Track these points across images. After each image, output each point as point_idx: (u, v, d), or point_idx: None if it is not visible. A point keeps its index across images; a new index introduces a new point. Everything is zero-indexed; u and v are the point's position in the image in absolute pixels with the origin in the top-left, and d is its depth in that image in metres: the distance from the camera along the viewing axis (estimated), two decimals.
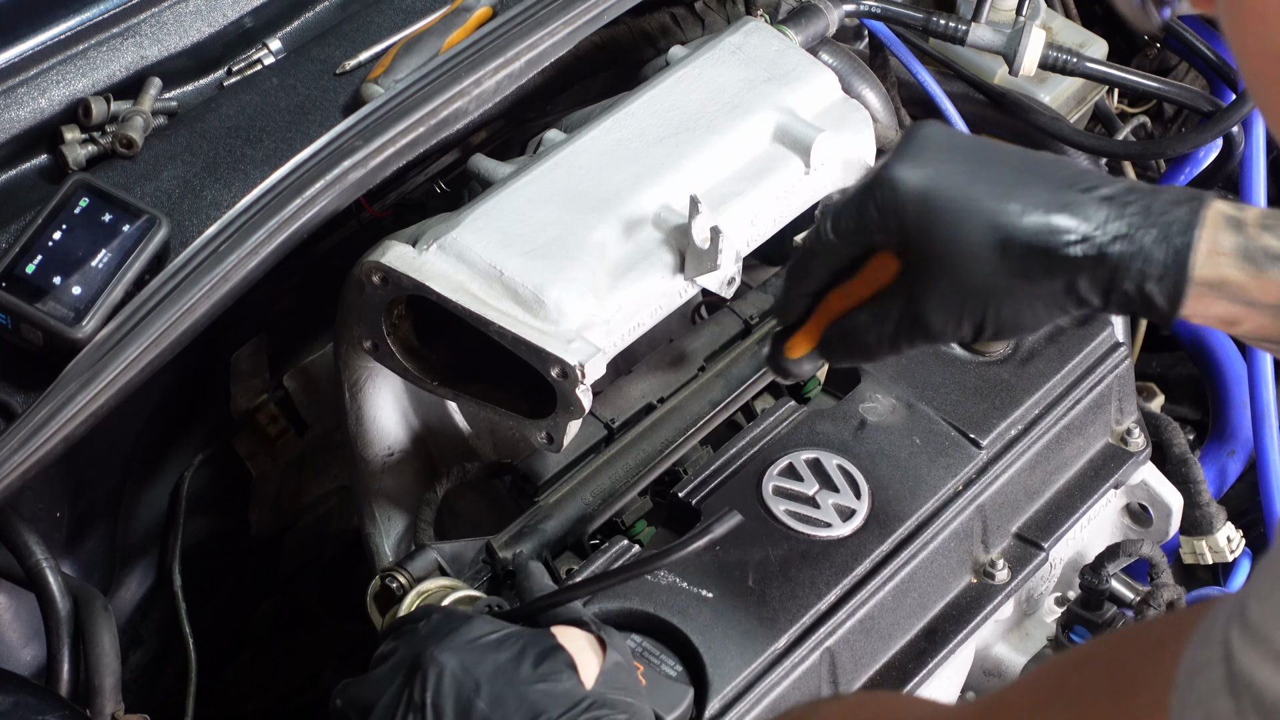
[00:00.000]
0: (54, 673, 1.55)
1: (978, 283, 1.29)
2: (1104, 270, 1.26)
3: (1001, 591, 1.62)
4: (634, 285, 1.60)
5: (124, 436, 1.74)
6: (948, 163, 1.30)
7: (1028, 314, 1.30)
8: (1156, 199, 1.28)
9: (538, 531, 1.58)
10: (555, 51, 1.73)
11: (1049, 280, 1.28)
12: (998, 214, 1.27)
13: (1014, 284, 1.28)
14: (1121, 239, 1.26)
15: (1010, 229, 1.27)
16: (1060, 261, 1.27)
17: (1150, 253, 1.25)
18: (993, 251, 1.27)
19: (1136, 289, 1.26)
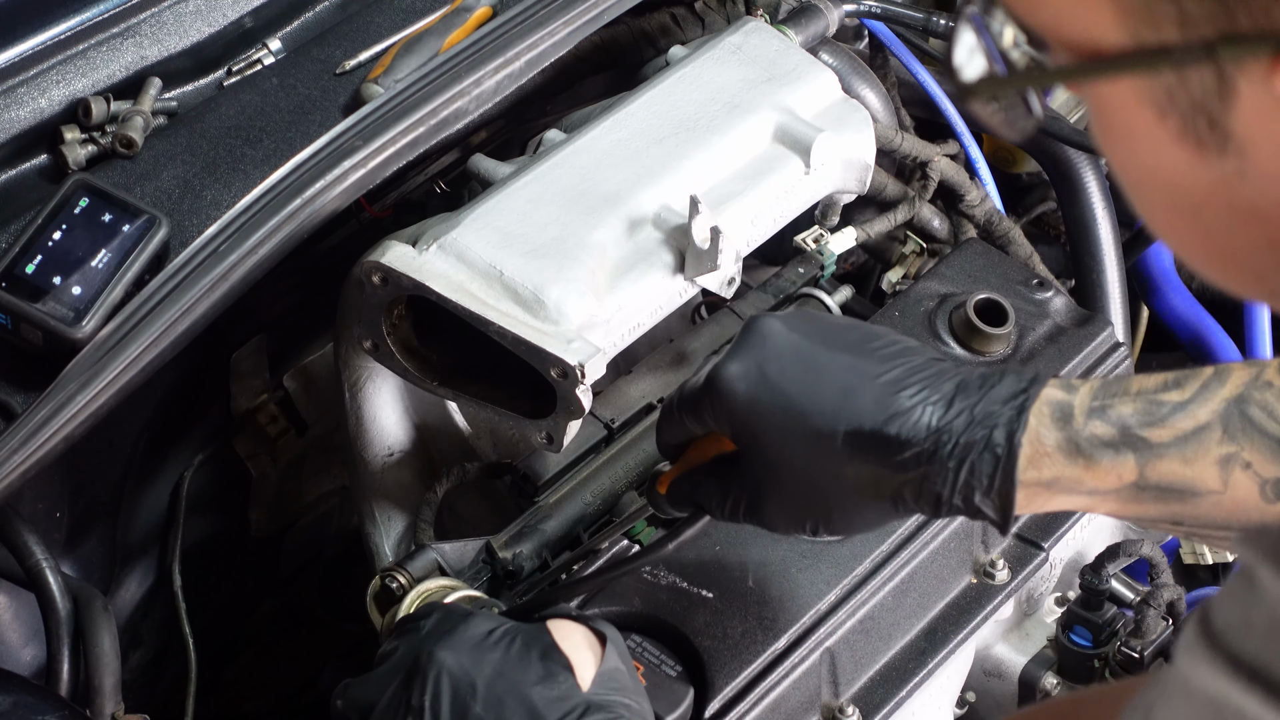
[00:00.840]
0: (54, 673, 1.55)
1: (807, 490, 1.30)
2: (929, 485, 1.26)
3: (1001, 591, 1.62)
4: (634, 285, 1.60)
5: (124, 436, 1.74)
6: (777, 367, 1.30)
7: (859, 521, 1.31)
8: (982, 401, 1.26)
9: (538, 531, 1.58)
10: (555, 51, 1.73)
11: (875, 492, 1.28)
12: (821, 428, 1.27)
13: (843, 494, 1.29)
14: (944, 451, 1.24)
15: (832, 444, 1.27)
16: (885, 477, 1.27)
17: (975, 465, 1.24)
18: (819, 462, 1.28)
19: (965, 502, 1.25)
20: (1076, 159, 2.13)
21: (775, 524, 1.35)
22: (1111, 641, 1.67)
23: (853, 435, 1.27)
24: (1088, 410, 1.26)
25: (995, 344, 1.71)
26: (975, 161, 2.07)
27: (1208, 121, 0.68)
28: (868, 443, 1.27)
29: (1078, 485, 1.25)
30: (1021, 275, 1.80)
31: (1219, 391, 1.24)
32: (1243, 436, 1.22)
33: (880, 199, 1.98)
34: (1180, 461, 1.23)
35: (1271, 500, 1.21)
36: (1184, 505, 1.24)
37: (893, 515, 1.32)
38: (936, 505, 1.27)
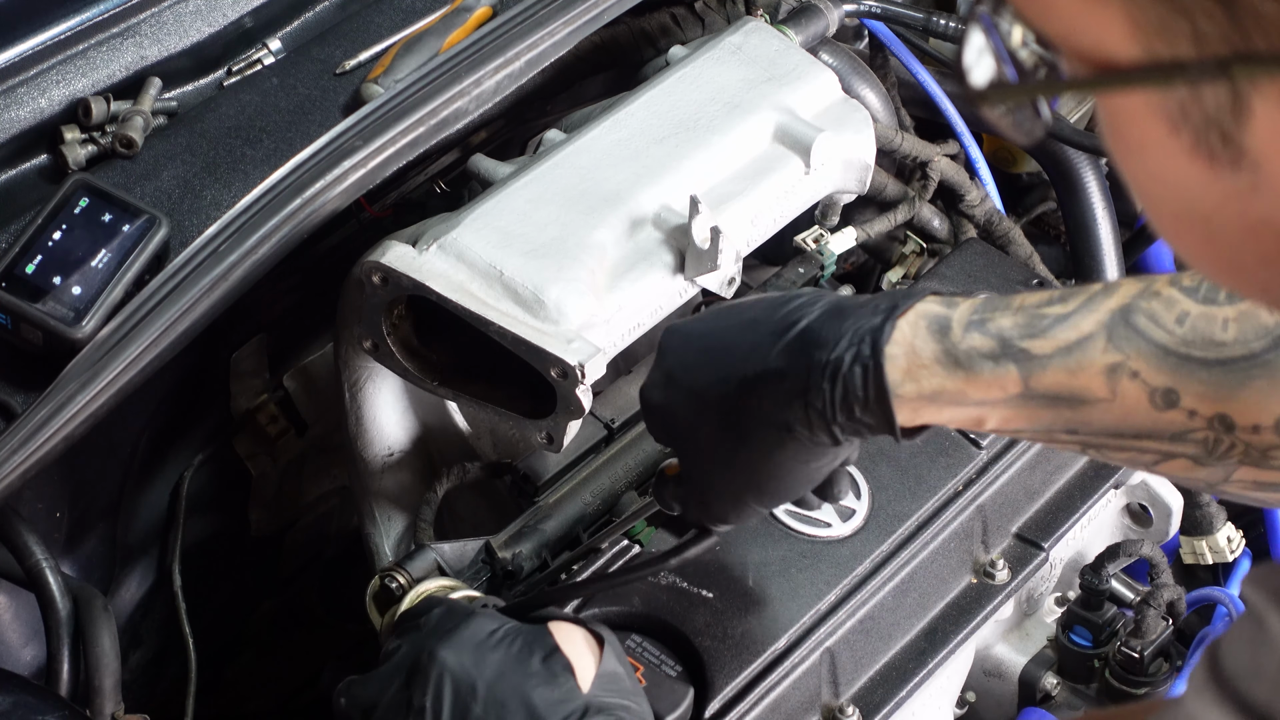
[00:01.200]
0: (54, 673, 1.55)
1: (728, 465, 1.33)
2: (814, 411, 1.27)
3: (1002, 592, 1.61)
4: (634, 285, 1.60)
5: (124, 436, 1.74)
6: (680, 363, 1.35)
7: (782, 476, 1.33)
8: (852, 318, 1.27)
9: (537, 531, 1.58)
10: (555, 51, 1.73)
11: (776, 435, 1.29)
12: (723, 394, 1.31)
13: (756, 452, 1.31)
14: (818, 372, 1.26)
15: (733, 402, 1.30)
16: (776, 412, 1.28)
17: (848, 379, 1.25)
18: (728, 432, 1.31)
19: (848, 418, 1.26)
20: (1076, 159, 2.13)
21: (723, 513, 1.38)
22: (1112, 641, 1.67)
23: (744, 384, 1.30)
24: (966, 323, 1.26)
25: None
26: (975, 161, 2.07)
27: (1221, 137, 0.67)
28: (755, 384, 1.29)
29: (962, 397, 1.25)
30: (1021, 275, 1.80)
31: (1104, 303, 1.23)
32: (1128, 345, 1.21)
33: (880, 199, 1.98)
34: (1065, 372, 1.23)
35: (1161, 408, 1.20)
36: (1075, 412, 1.24)
37: (811, 464, 1.32)
38: (827, 427, 1.28)
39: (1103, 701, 1.67)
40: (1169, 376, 1.20)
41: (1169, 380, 1.20)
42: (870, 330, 1.26)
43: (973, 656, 1.67)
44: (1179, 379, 1.19)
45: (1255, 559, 1.92)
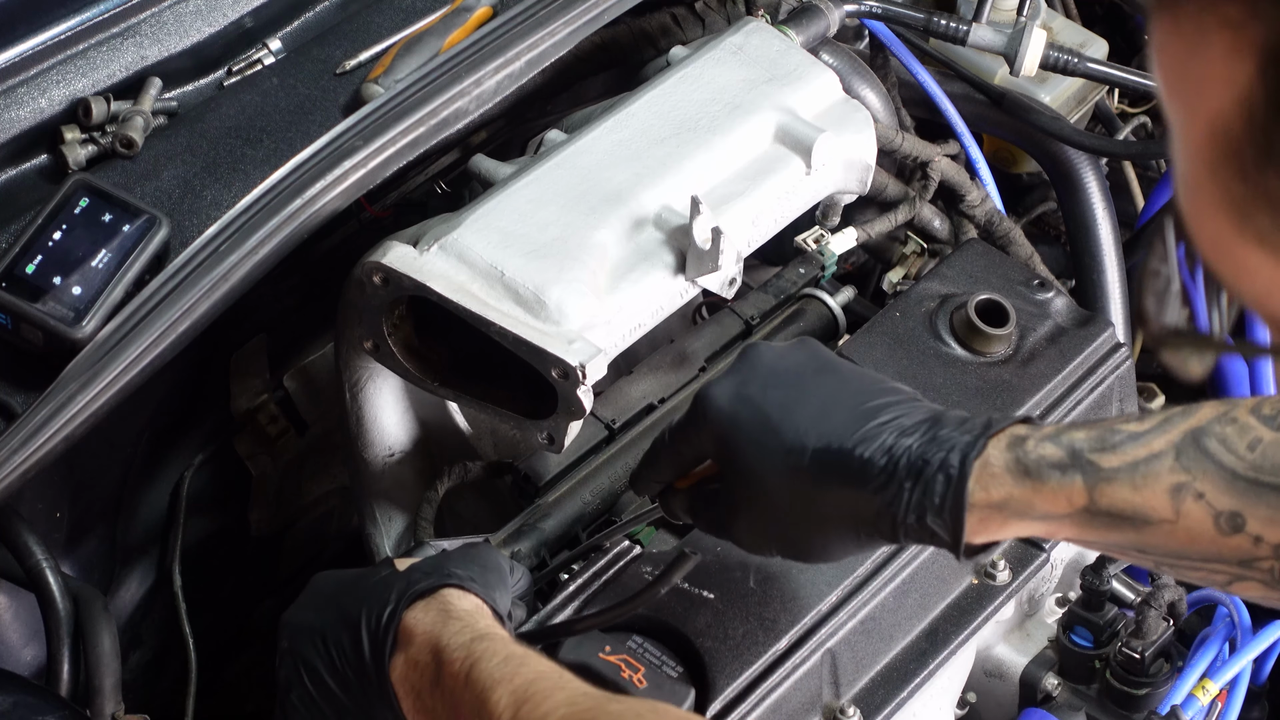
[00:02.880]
0: (54, 673, 1.55)
1: (774, 506, 1.33)
2: (886, 506, 1.28)
3: (1003, 592, 1.61)
4: (635, 286, 1.60)
5: (124, 436, 1.74)
6: (762, 387, 1.34)
7: (819, 542, 1.33)
8: (946, 429, 1.29)
9: (536, 530, 1.58)
10: (555, 51, 1.73)
11: (837, 514, 1.30)
12: (793, 444, 1.31)
13: (806, 512, 1.32)
14: (902, 472, 1.27)
15: (801, 460, 1.30)
16: (847, 498, 1.29)
17: (929, 485, 1.26)
18: (786, 478, 1.31)
19: (918, 522, 1.27)
20: (1076, 159, 2.13)
21: (744, 541, 1.39)
22: (1113, 642, 1.67)
23: (821, 453, 1.30)
24: (1042, 437, 1.27)
25: (996, 344, 1.71)
26: (975, 162, 2.07)
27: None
28: (834, 461, 1.30)
29: (1028, 509, 1.26)
30: (1022, 275, 1.80)
31: (1180, 424, 1.24)
32: (1196, 467, 1.21)
33: (881, 199, 1.98)
34: (1130, 488, 1.23)
35: (1226, 532, 1.20)
36: (1139, 534, 1.24)
37: (854, 546, 1.34)
38: (893, 527, 1.29)
39: (1103, 702, 1.67)
40: (1235, 500, 1.20)
41: (1235, 504, 1.20)
42: (962, 445, 1.27)
43: (974, 657, 1.67)
44: (1246, 503, 1.19)
45: None
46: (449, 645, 1.26)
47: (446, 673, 1.26)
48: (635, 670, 1.42)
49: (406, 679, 1.28)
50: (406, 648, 1.29)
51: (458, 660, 1.25)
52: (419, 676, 1.28)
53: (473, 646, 1.26)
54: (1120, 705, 1.66)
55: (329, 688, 1.32)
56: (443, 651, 1.26)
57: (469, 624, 1.29)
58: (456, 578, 1.33)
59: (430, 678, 1.27)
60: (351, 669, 1.31)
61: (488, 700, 1.21)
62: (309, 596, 1.39)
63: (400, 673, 1.29)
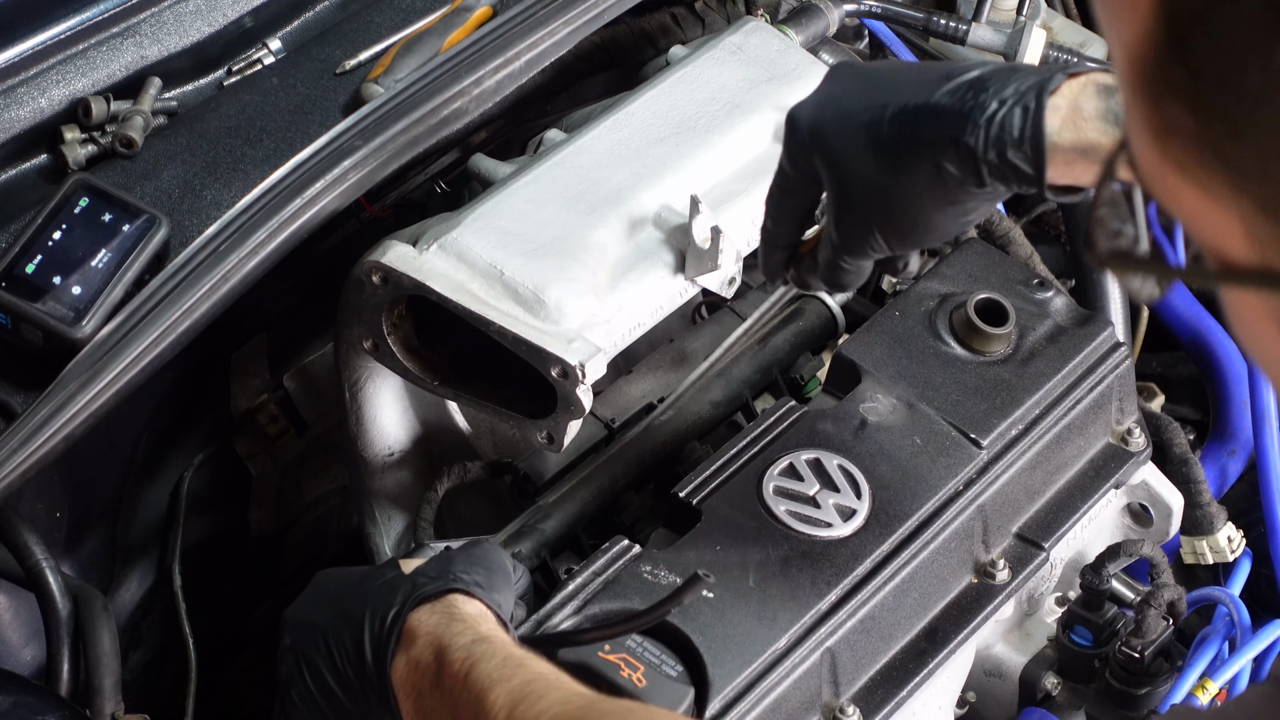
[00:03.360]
0: (54, 673, 1.55)
1: (865, 185, 1.34)
2: (965, 144, 1.28)
3: (1002, 591, 1.61)
4: (634, 285, 1.60)
5: (124, 436, 1.74)
6: (839, 92, 1.36)
7: (917, 209, 1.33)
8: (1019, 71, 1.29)
9: (537, 530, 1.58)
10: (555, 51, 1.73)
11: (919, 165, 1.30)
12: (869, 119, 1.33)
13: (892, 179, 1.32)
14: (979, 110, 1.28)
15: (879, 128, 1.32)
16: (924, 144, 1.30)
17: (1007, 118, 1.27)
18: (868, 152, 1.33)
19: (999, 157, 1.27)
20: None
21: (852, 242, 1.38)
22: (1112, 641, 1.67)
23: (899, 112, 1.32)
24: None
25: (996, 344, 1.71)
26: None
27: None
28: (912, 115, 1.31)
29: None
30: (1022, 275, 1.80)
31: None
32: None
33: None
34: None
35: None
36: None
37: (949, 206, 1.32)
38: (975, 165, 1.28)
39: (1103, 702, 1.67)
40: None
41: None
42: (1038, 80, 1.28)
43: (973, 656, 1.67)
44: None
45: (1255, 559, 1.92)
46: (451, 646, 1.27)
47: (447, 673, 1.26)
48: (634, 669, 1.42)
49: (408, 680, 1.29)
50: (409, 648, 1.29)
51: (458, 661, 1.26)
52: (420, 677, 1.28)
53: (473, 648, 1.26)
54: (1120, 705, 1.66)
55: (329, 687, 1.33)
56: (445, 652, 1.27)
57: (471, 626, 1.29)
58: (462, 583, 1.33)
59: (431, 678, 1.27)
60: (353, 669, 1.31)
61: (485, 700, 1.22)
62: (312, 594, 1.39)
63: (401, 674, 1.29)
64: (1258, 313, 0.70)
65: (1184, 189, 0.68)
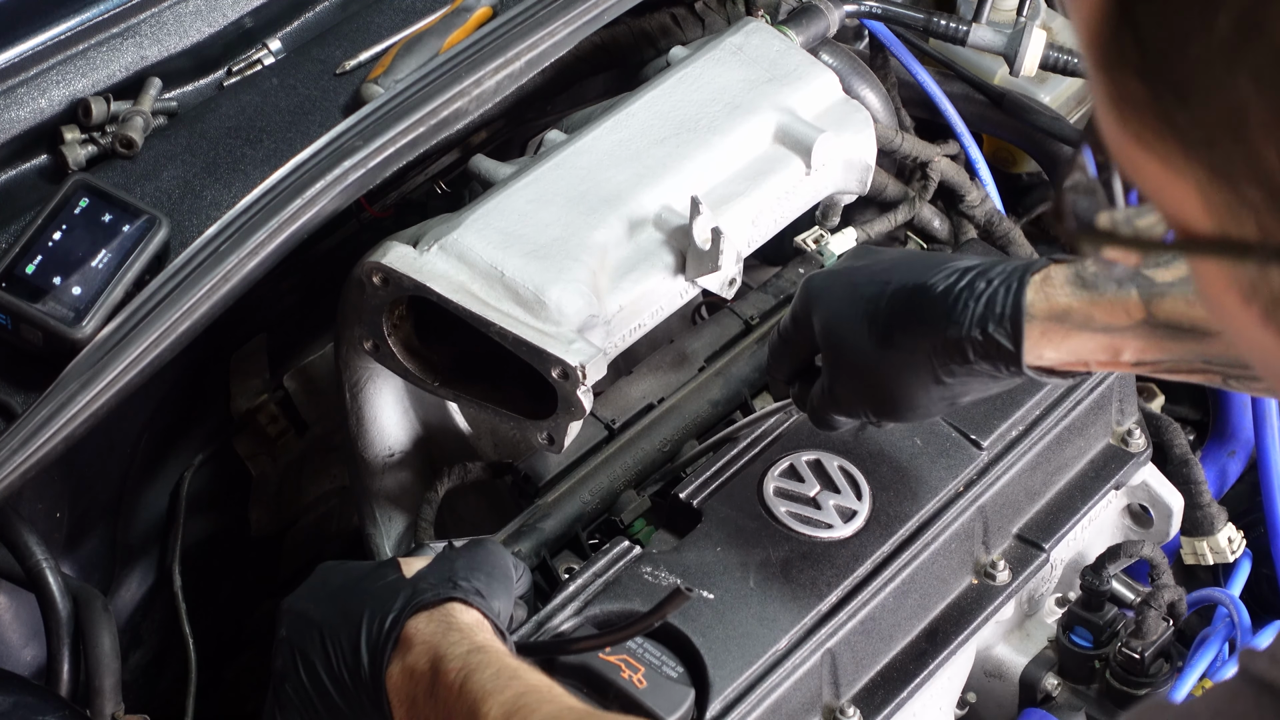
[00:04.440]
0: (54, 673, 1.55)
1: (857, 356, 1.42)
2: (953, 323, 1.36)
3: (1003, 592, 1.61)
4: (635, 286, 1.60)
5: (124, 436, 1.74)
6: (852, 267, 1.46)
7: (904, 386, 1.40)
8: (1005, 260, 1.39)
9: (537, 530, 1.58)
10: (555, 51, 1.73)
11: (910, 343, 1.38)
12: (871, 293, 1.42)
13: (884, 355, 1.40)
14: (968, 290, 1.36)
15: (877, 303, 1.41)
16: (915, 324, 1.38)
17: (992, 297, 1.35)
18: (863, 325, 1.41)
19: (982, 334, 1.35)
20: None
21: (842, 404, 1.46)
22: (1112, 642, 1.67)
23: (896, 292, 1.40)
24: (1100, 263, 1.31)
25: None
26: (975, 162, 2.07)
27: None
28: (906, 296, 1.39)
29: (1089, 320, 1.33)
30: None
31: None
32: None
33: (881, 199, 1.98)
34: (1184, 301, 1.29)
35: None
36: (1201, 344, 1.30)
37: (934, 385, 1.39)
38: (960, 347, 1.36)
39: (1103, 702, 1.67)
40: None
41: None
42: (1024, 264, 1.37)
43: (973, 657, 1.67)
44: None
45: (1255, 559, 1.92)
46: (447, 655, 1.27)
47: (441, 683, 1.26)
48: (635, 670, 1.42)
49: (402, 688, 1.29)
50: (405, 655, 1.30)
51: (453, 671, 1.26)
52: (415, 685, 1.28)
53: (469, 658, 1.27)
54: (1120, 705, 1.66)
55: (324, 685, 1.33)
56: (440, 661, 1.27)
57: (468, 635, 1.30)
58: (461, 590, 1.34)
59: (426, 687, 1.28)
60: (348, 671, 1.32)
61: (479, 711, 1.23)
62: (312, 587, 1.40)
63: (396, 681, 1.29)
64: (1221, 283, 0.72)
65: (1144, 160, 0.69)
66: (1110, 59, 0.68)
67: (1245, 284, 0.70)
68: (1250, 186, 0.66)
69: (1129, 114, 0.69)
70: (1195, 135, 0.67)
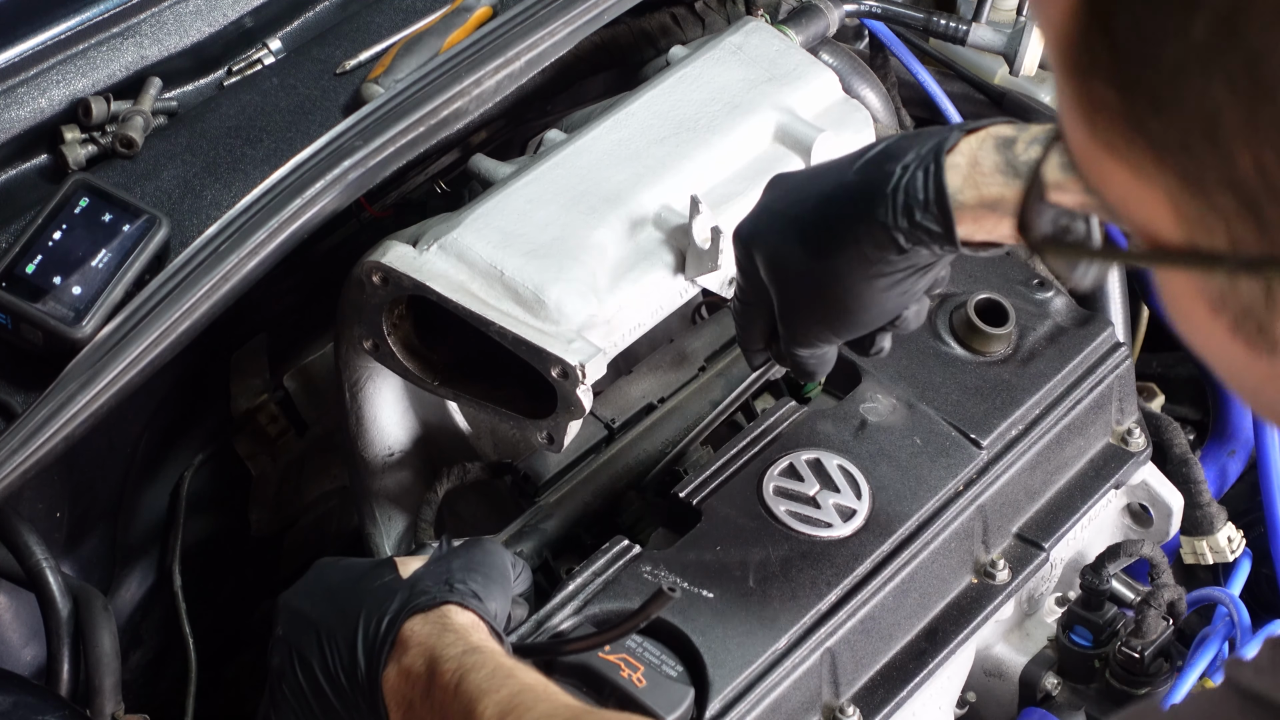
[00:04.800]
0: (54, 673, 1.55)
1: (798, 277, 1.37)
2: (878, 215, 1.31)
3: (1002, 592, 1.61)
4: (635, 285, 1.60)
5: (124, 436, 1.74)
6: (770, 198, 1.42)
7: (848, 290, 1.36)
8: (921, 136, 1.33)
9: (538, 531, 1.58)
10: (555, 51, 1.73)
11: (841, 245, 1.34)
12: (794, 213, 1.38)
13: (820, 264, 1.35)
14: (885, 179, 1.32)
15: (802, 220, 1.36)
16: (842, 223, 1.34)
17: (910, 184, 1.31)
18: (796, 244, 1.37)
19: (909, 222, 1.31)
20: None
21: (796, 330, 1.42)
22: (1112, 641, 1.67)
23: (822, 199, 1.36)
24: (1031, 139, 1.30)
25: (996, 344, 1.71)
26: None
27: (1257, 326, 0.69)
28: (830, 197, 1.35)
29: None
30: (1022, 275, 1.80)
31: None
32: None
33: None
34: None
35: None
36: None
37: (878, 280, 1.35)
38: (889, 234, 1.31)
39: (1103, 702, 1.67)
40: None
41: None
42: (937, 141, 1.31)
43: (973, 656, 1.67)
44: None
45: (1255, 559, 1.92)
46: (442, 657, 1.28)
47: (437, 684, 1.27)
48: (634, 669, 1.42)
49: (399, 690, 1.29)
50: (401, 657, 1.30)
51: (448, 672, 1.26)
52: (411, 687, 1.28)
53: (464, 659, 1.27)
54: (1120, 705, 1.66)
55: (320, 685, 1.33)
56: (436, 663, 1.27)
57: (463, 637, 1.30)
58: (458, 593, 1.34)
59: (422, 689, 1.28)
60: (344, 672, 1.32)
61: (474, 711, 1.23)
62: (310, 584, 1.40)
63: (393, 683, 1.29)
64: (1189, 293, 0.71)
65: (1113, 169, 0.69)
66: (1081, 64, 0.67)
67: (1214, 295, 0.69)
68: (1222, 193, 0.65)
69: (1099, 121, 0.68)
70: (1168, 141, 0.66)
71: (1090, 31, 0.66)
